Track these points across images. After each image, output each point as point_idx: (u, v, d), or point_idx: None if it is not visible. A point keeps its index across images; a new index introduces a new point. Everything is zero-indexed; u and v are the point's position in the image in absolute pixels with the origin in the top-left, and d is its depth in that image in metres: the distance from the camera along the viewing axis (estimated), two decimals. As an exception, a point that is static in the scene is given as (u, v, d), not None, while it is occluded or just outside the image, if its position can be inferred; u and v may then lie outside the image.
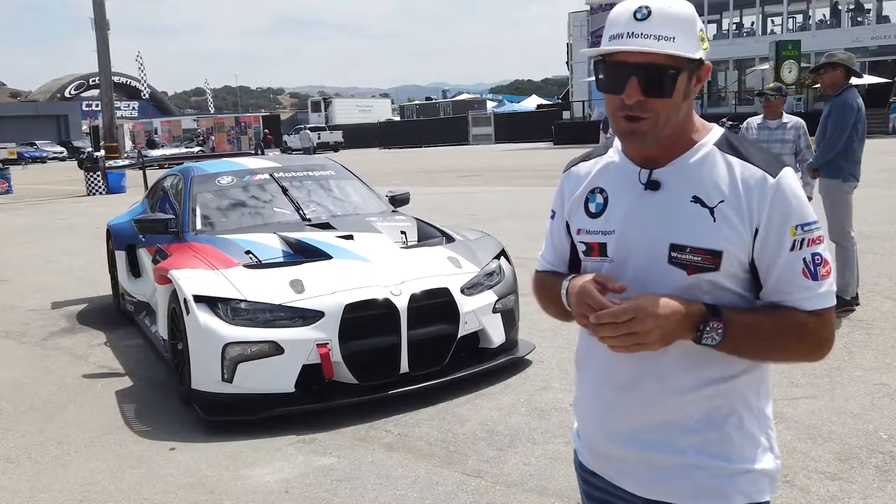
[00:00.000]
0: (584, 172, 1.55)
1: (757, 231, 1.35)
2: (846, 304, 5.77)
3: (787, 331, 1.35)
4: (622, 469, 1.49)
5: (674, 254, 1.36)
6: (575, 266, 1.58)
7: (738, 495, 1.41)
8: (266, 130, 43.03)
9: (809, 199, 5.62)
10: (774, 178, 1.35)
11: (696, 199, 1.37)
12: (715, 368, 1.40)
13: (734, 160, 1.38)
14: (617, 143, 1.51)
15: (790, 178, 1.37)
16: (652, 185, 1.41)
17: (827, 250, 1.39)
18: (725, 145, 1.41)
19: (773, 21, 41.77)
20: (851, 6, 37.51)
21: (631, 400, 1.45)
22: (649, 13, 1.30)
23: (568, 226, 1.57)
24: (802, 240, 1.35)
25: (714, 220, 1.35)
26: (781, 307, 1.36)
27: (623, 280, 1.39)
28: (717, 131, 1.45)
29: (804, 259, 1.35)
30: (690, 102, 1.40)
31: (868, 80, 30.45)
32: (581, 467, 1.62)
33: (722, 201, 1.35)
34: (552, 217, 1.64)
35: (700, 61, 1.36)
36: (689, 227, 1.36)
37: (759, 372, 1.45)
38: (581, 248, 1.52)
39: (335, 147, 47.29)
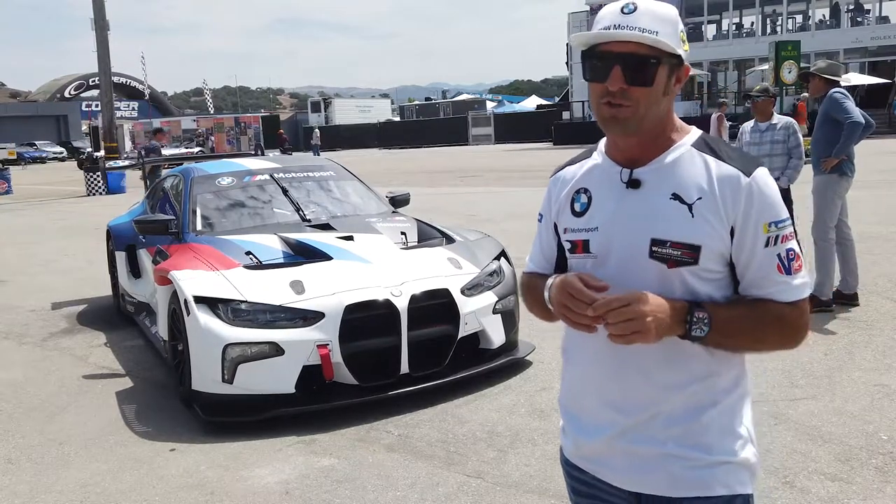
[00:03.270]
0: (570, 175, 1.61)
1: (733, 229, 1.41)
2: (821, 304, 5.80)
3: (767, 321, 1.41)
4: (605, 462, 1.53)
5: (654, 248, 1.41)
6: (561, 268, 1.63)
7: (718, 486, 1.44)
8: (281, 131, 43.44)
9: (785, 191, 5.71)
10: (748, 176, 1.41)
11: (675, 196, 1.42)
12: (697, 364, 1.44)
13: (710, 159, 1.44)
14: (601, 145, 1.58)
15: (764, 176, 1.42)
16: (633, 184, 1.47)
17: (798, 245, 1.46)
18: (702, 146, 1.47)
19: (772, 21, 41.79)
20: (851, 6, 37.52)
21: (615, 393, 1.49)
22: (635, 8, 1.39)
23: (556, 227, 1.62)
24: (777, 236, 1.41)
25: (692, 216, 1.40)
26: (760, 300, 1.43)
27: (605, 274, 1.44)
28: (694, 133, 1.51)
29: (778, 255, 1.41)
30: (670, 100, 1.46)
31: (868, 80, 30.47)
32: (566, 462, 1.65)
33: (700, 198, 1.41)
34: (540, 220, 1.69)
35: (680, 60, 1.43)
36: (668, 223, 1.41)
37: (739, 368, 1.50)
38: (567, 246, 1.57)
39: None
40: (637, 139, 1.45)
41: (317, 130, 41.63)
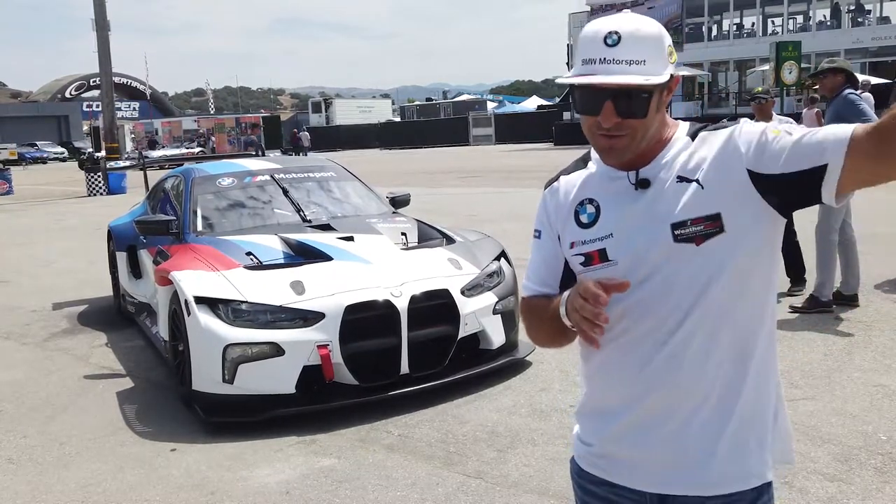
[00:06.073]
0: (570, 186, 1.56)
1: (750, 171, 1.35)
2: (821, 304, 5.80)
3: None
4: (633, 466, 1.49)
5: (677, 231, 1.39)
6: (567, 283, 1.54)
7: (752, 478, 1.44)
8: (295, 130, 43.37)
9: None
10: (737, 123, 1.42)
11: (681, 179, 1.42)
12: (726, 351, 1.42)
13: (700, 135, 1.45)
14: (594, 153, 1.53)
15: (748, 121, 1.42)
16: (642, 184, 1.45)
17: None
18: (693, 133, 1.48)
19: (773, 22, 41.78)
20: (852, 7, 37.50)
21: (643, 388, 1.45)
22: (619, 39, 1.34)
23: (560, 240, 1.55)
24: (787, 130, 1.34)
25: (702, 188, 1.39)
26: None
27: (637, 274, 1.41)
28: (684, 126, 1.51)
29: (804, 133, 1.31)
30: (663, 111, 1.45)
31: (869, 80, 30.40)
32: (580, 475, 1.60)
33: (701, 169, 1.40)
34: (538, 236, 1.61)
35: (670, 77, 1.41)
36: (682, 203, 1.40)
37: (770, 362, 1.49)
38: (578, 260, 1.50)
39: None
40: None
41: (305, 132, 41.12)
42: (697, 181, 1.40)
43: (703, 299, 1.40)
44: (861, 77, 17.37)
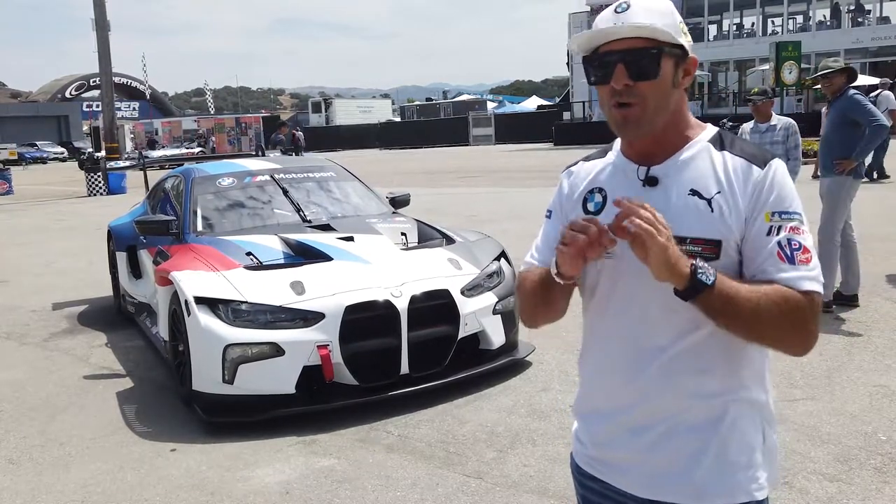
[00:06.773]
0: (584, 173, 1.58)
1: (747, 220, 1.39)
2: (823, 305, 5.79)
3: (773, 298, 1.32)
4: (622, 468, 1.50)
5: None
6: None
7: (740, 493, 1.43)
8: (295, 130, 43.03)
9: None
10: (762, 168, 1.40)
11: (694, 192, 1.41)
12: (722, 372, 1.42)
13: (727, 154, 1.44)
14: (616, 144, 1.55)
15: (777, 167, 1.41)
16: (650, 182, 1.45)
17: (810, 242, 1.40)
18: (718, 142, 1.46)
19: (773, 22, 41.79)
20: (852, 7, 37.51)
21: (636, 397, 1.46)
22: (628, 6, 1.40)
23: None
24: (779, 226, 1.37)
25: (712, 211, 1.39)
26: (767, 281, 1.37)
27: (624, 273, 1.43)
28: (711, 130, 1.49)
29: (779, 243, 1.36)
30: (681, 95, 1.45)
31: (870, 80, 30.43)
32: (578, 471, 1.62)
33: (718, 192, 1.40)
34: (548, 216, 1.64)
35: (684, 52, 1.42)
36: (688, 219, 1.39)
37: (761, 378, 1.47)
38: None
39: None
40: (652, 137, 1.44)
41: (300, 132, 40.75)
42: (709, 202, 1.39)
43: (693, 318, 1.38)
44: (877, 79, 17.46)
